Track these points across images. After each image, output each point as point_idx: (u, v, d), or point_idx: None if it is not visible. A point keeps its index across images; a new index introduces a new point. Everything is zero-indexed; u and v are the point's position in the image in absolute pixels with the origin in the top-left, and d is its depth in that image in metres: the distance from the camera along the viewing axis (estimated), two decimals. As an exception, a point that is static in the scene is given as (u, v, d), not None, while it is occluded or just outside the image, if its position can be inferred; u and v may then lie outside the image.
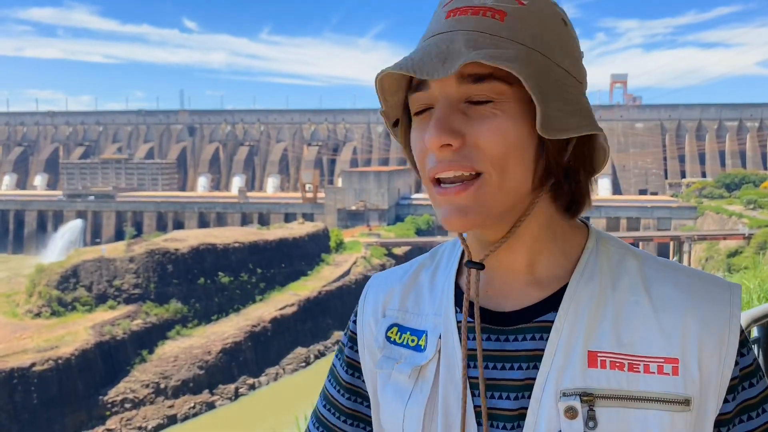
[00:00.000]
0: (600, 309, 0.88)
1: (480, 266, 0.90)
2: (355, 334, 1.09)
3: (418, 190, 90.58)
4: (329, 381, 1.13)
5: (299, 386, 35.91)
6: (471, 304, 0.93)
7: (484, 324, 0.93)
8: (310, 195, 78.54)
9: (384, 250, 55.74)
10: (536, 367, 0.87)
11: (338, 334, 45.31)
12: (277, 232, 53.56)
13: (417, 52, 0.82)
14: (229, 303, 44.12)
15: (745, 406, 0.88)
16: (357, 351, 1.09)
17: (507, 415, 0.88)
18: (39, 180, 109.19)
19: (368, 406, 1.07)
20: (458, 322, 0.95)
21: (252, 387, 38.54)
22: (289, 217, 72.28)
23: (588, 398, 0.83)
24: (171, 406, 35.04)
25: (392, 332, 1.02)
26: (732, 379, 0.86)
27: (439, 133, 0.81)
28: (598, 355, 0.85)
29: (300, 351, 42.72)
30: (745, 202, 65.28)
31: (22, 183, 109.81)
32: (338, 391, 1.10)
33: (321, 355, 43.13)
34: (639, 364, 0.84)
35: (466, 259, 0.94)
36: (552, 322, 0.88)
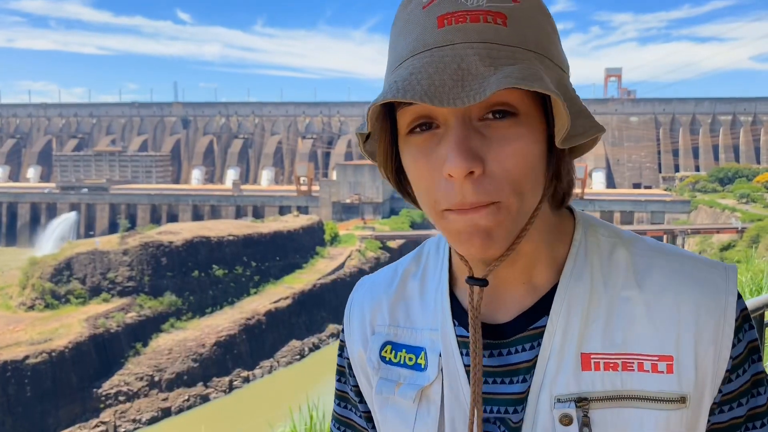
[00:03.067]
0: (592, 309, 0.84)
1: (483, 283, 0.84)
2: (345, 359, 1.04)
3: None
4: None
5: (293, 379, 35.96)
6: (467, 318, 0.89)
7: (484, 339, 0.87)
8: (304, 188, 78.43)
9: (378, 243, 55.76)
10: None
11: (333, 327, 45.37)
12: (271, 225, 53.51)
13: (419, 73, 0.71)
14: (224, 296, 44.12)
15: (732, 396, 0.85)
16: (345, 383, 1.05)
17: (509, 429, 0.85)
18: (32, 172, 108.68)
19: None
20: (458, 336, 0.89)
21: (246, 380, 38.58)
22: (283, 210, 72.25)
23: (583, 403, 0.80)
24: (165, 399, 35.06)
25: (386, 351, 0.96)
26: (726, 371, 0.82)
27: (464, 159, 0.72)
28: (592, 357, 0.82)
29: (294, 344, 42.77)
30: (738, 196, 65.54)
31: (15, 175, 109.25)
32: (332, 422, 1.09)
33: (315, 348, 43.19)
34: (633, 363, 0.81)
35: (467, 275, 0.86)
36: (545, 327, 0.85)
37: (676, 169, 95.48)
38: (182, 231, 47.13)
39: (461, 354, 0.88)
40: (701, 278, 0.83)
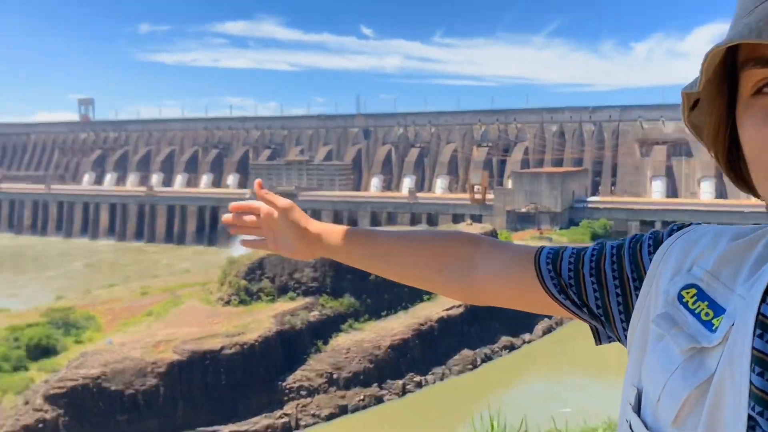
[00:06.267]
0: None
1: None
2: (649, 251, 0.95)
3: (594, 192, 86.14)
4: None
5: (466, 388, 35.67)
6: None
7: None
8: (478, 196, 77.92)
9: (556, 254, 53.68)
10: None
11: (505, 340, 44.37)
12: (446, 232, 53.73)
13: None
14: (398, 300, 44.99)
15: None
16: (641, 264, 0.96)
17: None
18: (231, 179, 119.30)
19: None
20: (760, 313, 0.72)
21: (419, 385, 38.93)
22: (456, 218, 72.25)
23: None
24: (343, 397, 36.42)
25: (688, 293, 0.83)
26: None
27: None
28: None
29: (466, 353, 42.43)
30: None
31: (217, 182, 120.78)
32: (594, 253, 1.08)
33: (488, 359, 42.50)
34: None
35: None
36: None
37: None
38: (361, 236, 48.89)
39: (753, 333, 0.71)
40: None
